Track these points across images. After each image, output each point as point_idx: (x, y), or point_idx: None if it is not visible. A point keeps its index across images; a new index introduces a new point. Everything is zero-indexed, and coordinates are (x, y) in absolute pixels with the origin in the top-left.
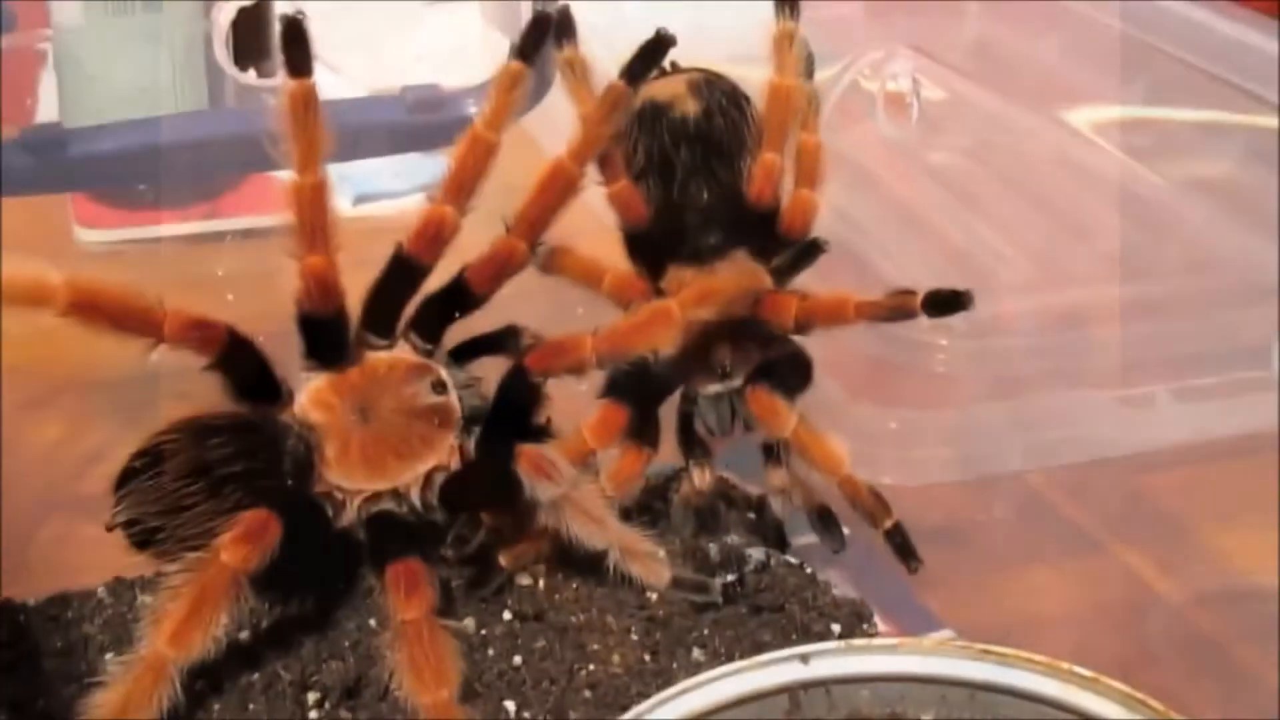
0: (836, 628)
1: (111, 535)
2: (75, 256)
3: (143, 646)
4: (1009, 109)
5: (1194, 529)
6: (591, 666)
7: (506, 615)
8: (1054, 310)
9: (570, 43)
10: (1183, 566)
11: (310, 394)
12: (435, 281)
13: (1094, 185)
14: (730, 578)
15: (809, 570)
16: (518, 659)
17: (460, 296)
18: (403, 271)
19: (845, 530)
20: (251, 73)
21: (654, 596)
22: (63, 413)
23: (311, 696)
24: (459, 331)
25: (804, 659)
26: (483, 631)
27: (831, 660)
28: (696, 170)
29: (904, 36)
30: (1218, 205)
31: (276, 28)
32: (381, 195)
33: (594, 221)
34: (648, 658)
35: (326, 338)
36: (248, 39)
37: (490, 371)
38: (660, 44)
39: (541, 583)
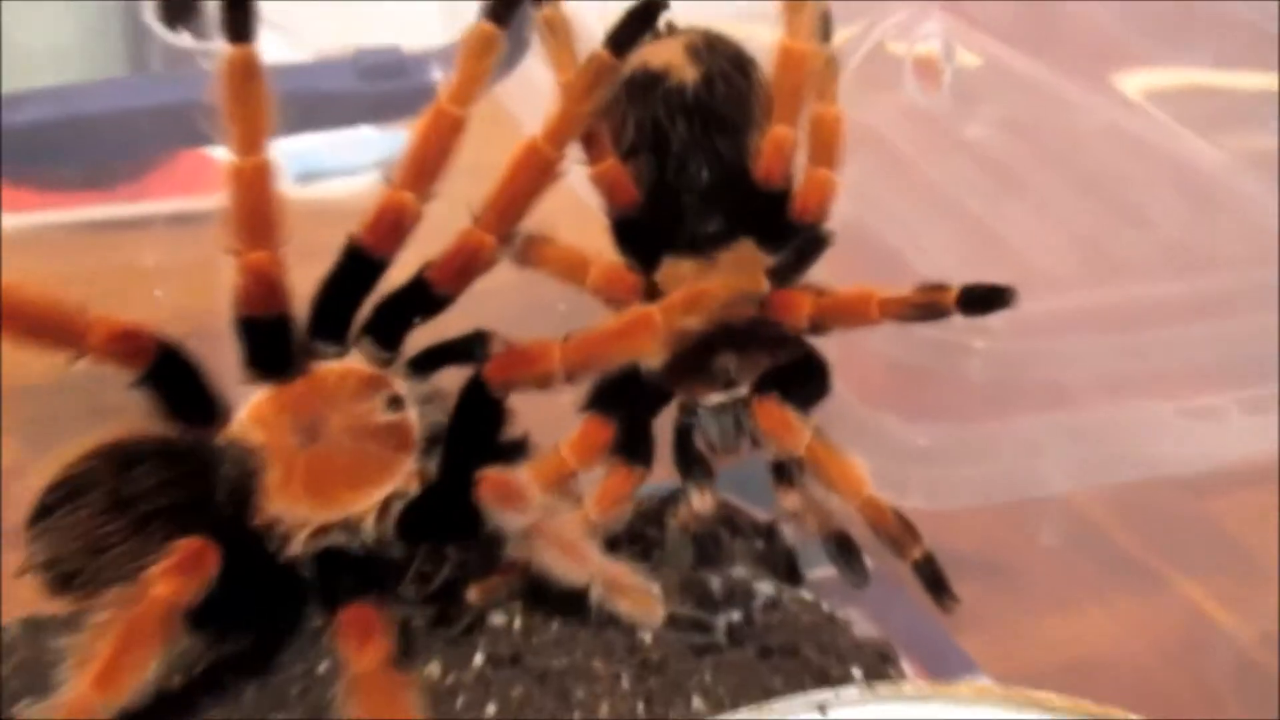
0: (858, 672)
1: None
2: None
3: (65, 691)
4: (1054, 76)
5: (1265, 558)
6: (576, 717)
7: (478, 659)
8: (1106, 307)
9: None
10: (1253, 600)
11: (250, 411)
12: (393, 279)
13: (1151, 163)
14: (735, 615)
15: (826, 607)
16: (491, 709)
17: (421, 297)
18: (355, 267)
19: (868, 561)
20: (184, 34)
21: (647, 637)
22: None
23: None
24: (421, 337)
25: (821, 708)
26: (450, 678)
27: (853, 709)
28: (695, 146)
29: None
30: None
31: None
32: (330, 173)
33: (577, 206)
34: (641, 707)
35: (268, 344)
36: None
37: (457, 384)
38: (651, 7)
39: (517, 622)
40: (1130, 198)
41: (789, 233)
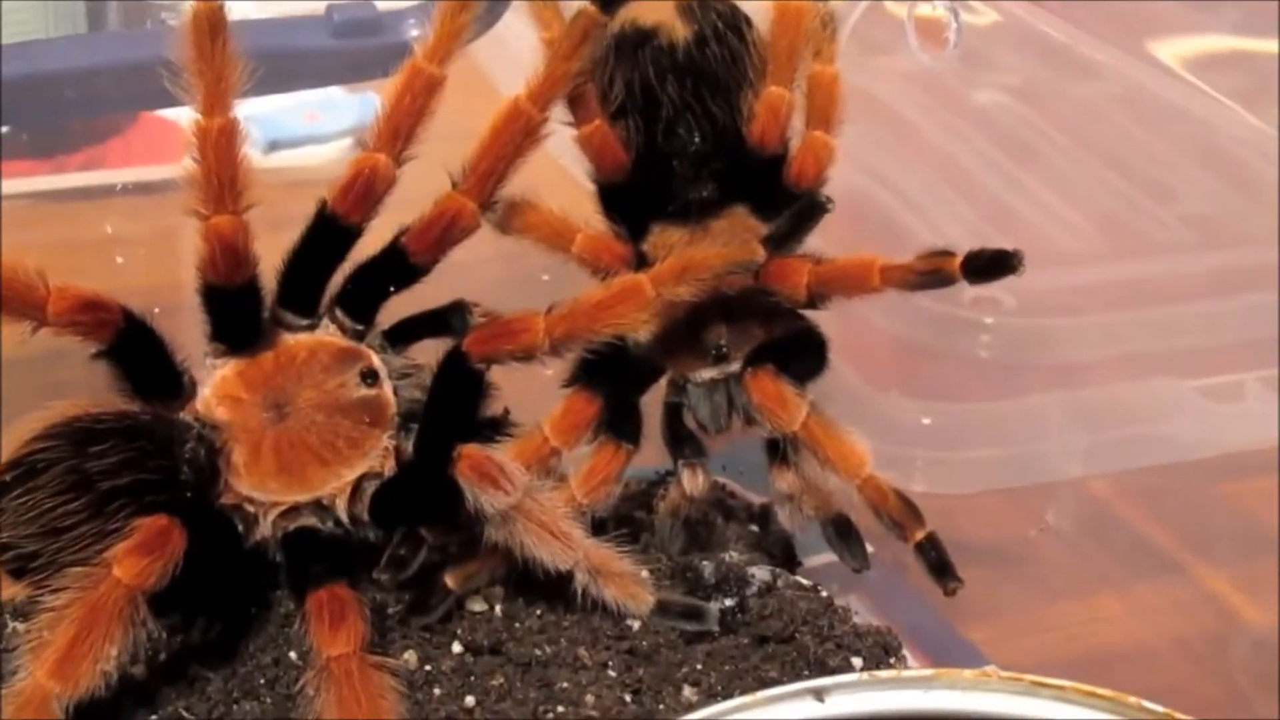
0: (858, 662)
1: None
2: None
3: (19, 679)
4: (1071, 38)
5: None
6: (560, 708)
7: (456, 647)
8: (1123, 283)
9: None
10: (1274, 589)
11: (216, 386)
12: (367, 247)
13: (1175, 133)
14: (729, 602)
15: (824, 593)
16: (470, 700)
17: (397, 266)
18: (327, 235)
19: (868, 546)
20: None
21: (635, 625)
22: None
23: None
24: (396, 307)
25: (819, 695)
26: (427, 667)
27: (852, 696)
28: (687, 108)
29: None
30: None
31: None
32: (300, 140)
33: (561, 172)
34: (628, 698)
35: (235, 315)
36: None
37: (434, 357)
38: None
39: (498, 608)
40: (1151, 170)
41: (785, 199)
